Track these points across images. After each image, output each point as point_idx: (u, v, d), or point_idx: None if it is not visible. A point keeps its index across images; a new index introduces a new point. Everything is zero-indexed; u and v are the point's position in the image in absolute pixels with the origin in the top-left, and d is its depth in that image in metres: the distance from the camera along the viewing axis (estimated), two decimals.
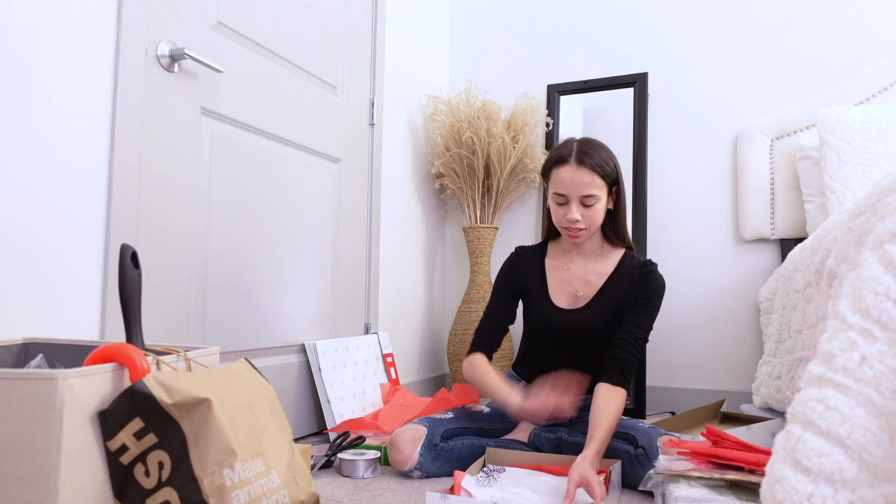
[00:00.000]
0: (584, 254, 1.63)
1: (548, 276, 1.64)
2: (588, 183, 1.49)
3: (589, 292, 1.59)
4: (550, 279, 1.64)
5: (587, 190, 1.49)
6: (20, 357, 1.05)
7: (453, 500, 1.12)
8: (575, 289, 1.61)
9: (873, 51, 2.25)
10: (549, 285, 1.63)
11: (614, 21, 2.63)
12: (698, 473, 0.96)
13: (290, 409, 1.82)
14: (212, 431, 0.83)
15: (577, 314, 1.59)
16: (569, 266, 1.63)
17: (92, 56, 1.27)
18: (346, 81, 2.12)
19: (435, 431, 1.49)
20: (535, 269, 1.66)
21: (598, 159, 1.50)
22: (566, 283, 1.62)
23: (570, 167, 1.50)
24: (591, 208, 1.51)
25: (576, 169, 1.49)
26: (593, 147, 1.53)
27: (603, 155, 1.52)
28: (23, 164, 1.15)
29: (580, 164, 1.49)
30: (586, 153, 1.50)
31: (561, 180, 1.51)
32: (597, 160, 1.50)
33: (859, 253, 0.76)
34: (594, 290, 1.59)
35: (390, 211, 2.38)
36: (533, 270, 1.66)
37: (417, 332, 2.57)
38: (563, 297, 1.62)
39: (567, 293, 1.61)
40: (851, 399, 0.63)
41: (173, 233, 1.46)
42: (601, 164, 1.50)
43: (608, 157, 1.54)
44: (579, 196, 1.50)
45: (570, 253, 1.64)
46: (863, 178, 1.89)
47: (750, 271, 2.36)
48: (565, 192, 1.51)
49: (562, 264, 1.64)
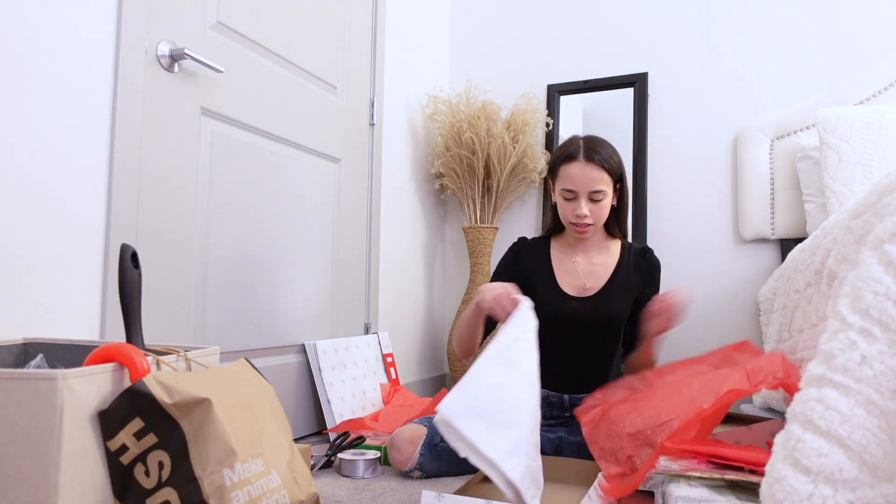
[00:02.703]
0: (588, 248, 1.66)
1: (554, 266, 1.66)
2: (597, 178, 1.53)
3: (596, 284, 1.62)
4: (557, 269, 1.65)
5: (596, 185, 1.53)
6: (20, 357, 1.05)
7: (449, 499, 1.12)
8: (582, 281, 1.63)
9: (873, 51, 2.25)
10: (556, 273, 1.65)
11: (614, 21, 2.63)
12: (698, 473, 0.96)
13: (290, 409, 1.82)
14: (212, 431, 0.83)
15: (588, 301, 1.61)
16: (575, 259, 1.65)
17: (92, 56, 1.27)
18: (346, 81, 2.12)
19: (435, 431, 1.49)
20: (540, 259, 1.67)
21: (604, 155, 1.54)
22: (573, 276, 1.64)
23: (579, 163, 1.53)
24: (598, 203, 1.55)
25: (585, 165, 1.53)
26: (599, 144, 1.57)
27: (609, 151, 1.57)
28: (23, 164, 1.15)
29: (589, 160, 1.53)
30: (594, 149, 1.54)
31: (570, 176, 1.54)
32: (604, 156, 1.54)
33: (859, 253, 0.76)
34: (601, 281, 1.62)
35: (390, 211, 2.38)
36: (538, 260, 1.67)
37: (417, 332, 2.57)
38: (571, 288, 1.63)
39: (575, 285, 1.63)
40: (851, 399, 0.63)
41: (173, 233, 1.46)
42: (608, 159, 1.55)
43: (613, 153, 1.58)
44: (588, 192, 1.54)
45: (573, 248, 1.66)
46: (863, 178, 1.89)
47: (750, 271, 2.36)
48: (574, 188, 1.54)
49: (568, 257, 1.66)
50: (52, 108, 1.20)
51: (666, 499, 0.95)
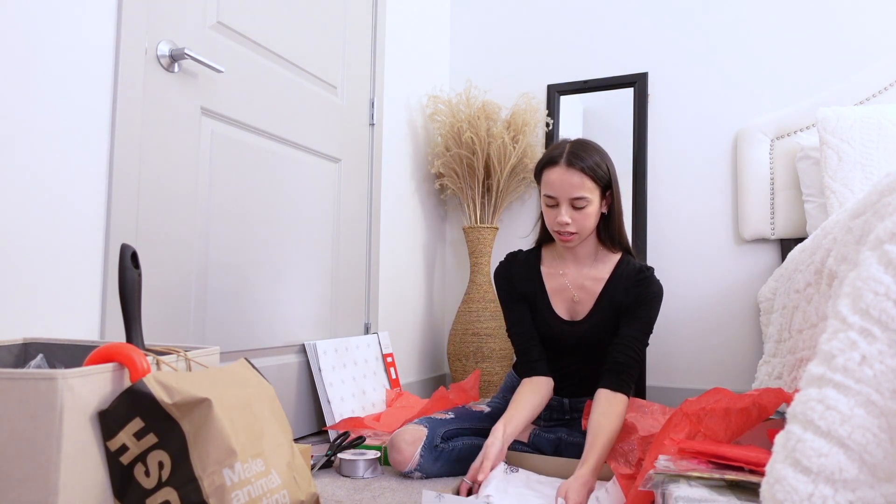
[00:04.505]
0: (579, 258, 1.58)
1: (546, 284, 1.59)
2: (577, 185, 1.45)
3: (585, 298, 1.55)
4: (549, 288, 1.59)
5: (576, 192, 1.45)
6: (20, 357, 1.05)
7: (449, 499, 1.12)
8: (571, 294, 1.56)
9: (873, 51, 2.25)
10: (549, 294, 1.58)
11: (614, 21, 2.63)
12: (698, 473, 0.95)
13: (290, 409, 1.82)
14: (212, 431, 0.83)
15: (576, 326, 1.55)
16: (564, 271, 1.58)
17: (92, 56, 1.27)
18: (346, 81, 2.12)
19: (435, 432, 1.49)
20: (532, 278, 1.60)
21: (589, 162, 1.45)
22: (563, 290, 1.57)
23: (559, 168, 1.46)
24: (581, 211, 1.47)
25: (565, 170, 1.45)
26: (585, 149, 1.48)
27: (595, 158, 1.47)
28: (23, 164, 1.15)
29: (569, 165, 1.45)
30: (577, 155, 1.46)
31: (550, 182, 1.47)
32: (588, 162, 1.45)
33: (859, 253, 0.76)
34: (591, 295, 1.55)
35: (390, 211, 2.38)
36: (530, 279, 1.60)
37: (417, 332, 2.57)
38: (562, 305, 1.58)
39: (565, 299, 1.57)
40: (851, 399, 0.63)
41: (173, 233, 1.46)
42: (592, 166, 1.45)
43: (601, 160, 1.48)
44: (569, 198, 1.46)
45: (564, 258, 1.59)
46: (863, 178, 1.89)
47: (750, 271, 2.36)
48: (555, 194, 1.47)
49: (556, 270, 1.59)
50: (52, 108, 1.20)
51: (666, 499, 0.95)
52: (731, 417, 1.11)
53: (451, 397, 1.80)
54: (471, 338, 2.44)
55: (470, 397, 1.84)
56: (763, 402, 1.09)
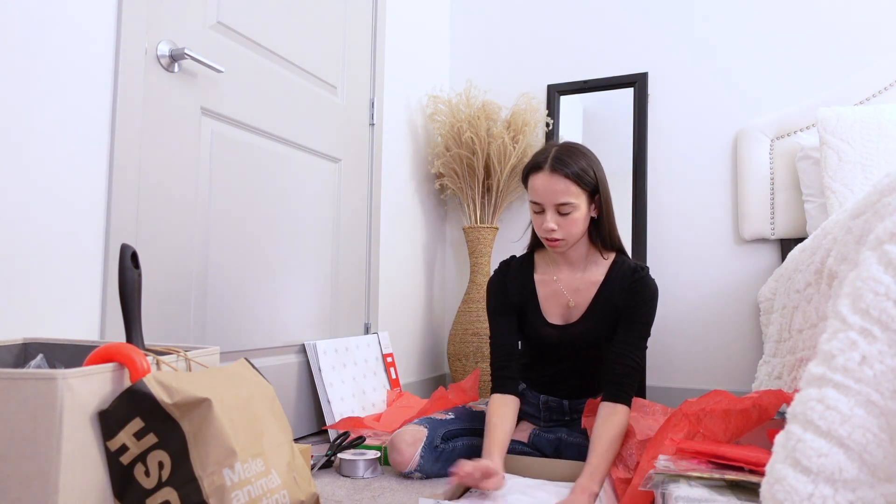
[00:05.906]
0: (572, 263, 1.55)
1: (538, 291, 1.57)
2: (562, 191, 1.42)
3: (580, 301, 1.54)
4: (541, 294, 1.57)
5: (561, 198, 1.42)
6: (20, 357, 1.05)
7: None
8: (566, 299, 1.54)
9: (873, 51, 2.25)
10: (540, 301, 1.56)
11: (614, 21, 2.63)
12: (698, 473, 0.96)
13: (290, 409, 1.82)
14: (212, 431, 0.83)
15: (570, 329, 1.54)
16: (557, 277, 1.56)
17: (92, 56, 1.27)
18: (346, 81, 2.12)
19: (436, 433, 1.49)
20: (524, 286, 1.58)
21: (574, 167, 1.42)
22: (557, 296, 1.56)
23: (543, 174, 1.43)
24: (567, 217, 1.44)
25: (549, 176, 1.42)
26: (570, 154, 1.45)
27: (581, 163, 1.44)
28: (23, 164, 1.15)
29: (553, 171, 1.42)
30: (561, 160, 1.43)
31: (535, 188, 1.45)
32: (573, 168, 1.42)
33: (859, 253, 0.76)
34: (585, 299, 1.53)
35: (390, 211, 2.38)
36: (523, 287, 1.58)
37: (417, 332, 2.57)
38: (555, 311, 1.56)
39: (559, 305, 1.55)
40: (851, 399, 0.63)
41: (173, 233, 1.46)
42: (578, 171, 1.42)
43: (588, 165, 1.45)
44: (554, 204, 1.43)
45: (557, 263, 1.57)
46: (863, 178, 1.89)
47: (750, 271, 2.36)
48: (540, 200, 1.44)
49: (550, 276, 1.57)
50: (52, 108, 1.20)
51: (666, 499, 0.95)
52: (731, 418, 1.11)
53: (450, 397, 1.80)
54: (471, 338, 2.44)
55: (469, 397, 1.84)
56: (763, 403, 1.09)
